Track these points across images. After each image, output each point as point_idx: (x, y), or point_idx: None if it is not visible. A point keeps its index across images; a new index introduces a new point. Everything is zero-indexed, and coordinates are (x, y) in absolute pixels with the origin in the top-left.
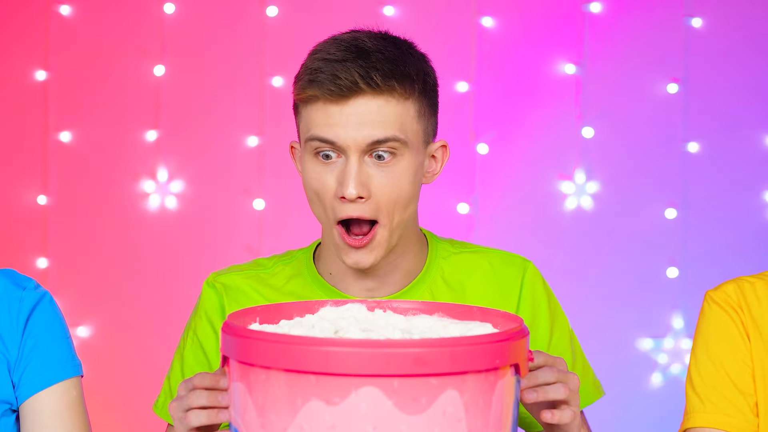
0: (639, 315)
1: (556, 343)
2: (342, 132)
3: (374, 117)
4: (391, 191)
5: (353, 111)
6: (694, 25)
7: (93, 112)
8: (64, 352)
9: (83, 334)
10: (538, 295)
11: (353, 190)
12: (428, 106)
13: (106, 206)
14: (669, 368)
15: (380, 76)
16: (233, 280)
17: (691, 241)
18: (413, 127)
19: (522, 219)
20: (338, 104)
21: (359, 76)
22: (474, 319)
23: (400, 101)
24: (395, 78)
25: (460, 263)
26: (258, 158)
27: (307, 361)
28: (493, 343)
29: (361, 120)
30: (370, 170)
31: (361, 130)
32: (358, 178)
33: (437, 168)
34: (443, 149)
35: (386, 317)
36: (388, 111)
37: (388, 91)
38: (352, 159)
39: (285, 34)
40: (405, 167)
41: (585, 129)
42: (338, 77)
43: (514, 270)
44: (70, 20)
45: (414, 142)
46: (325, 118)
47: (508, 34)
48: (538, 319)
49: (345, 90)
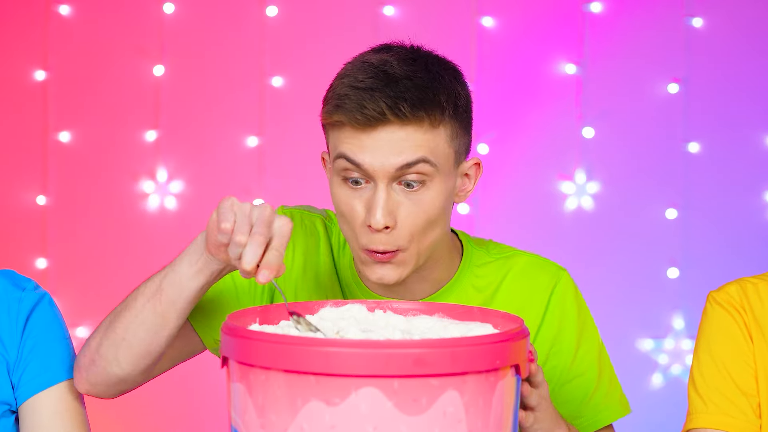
0: (639, 315)
1: (582, 357)
2: (369, 158)
3: (402, 144)
4: (417, 219)
5: (380, 138)
6: (695, 24)
7: (92, 112)
8: (64, 353)
9: (83, 335)
10: (568, 305)
11: (381, 219)
12: (460, 127)
13: (106, 206)
14: (669, 369)
15: (408, 106)
16: (302, 216)
17: (692, 242)
18: (445, 152)
19: (522, 219)
20: (365, 131)
21: (386, 107)
22: (474, 319)
23: (429, 130)
24: (424, 108)
25: (494, 270)
26: (258, 158)
27: (307, 362)
28: (494, 343)
29: (389, 148)
30: (398, 197)
31: (389, 157)
32: (386, 207)
33: (470, 186)
34: (476, 167)
35: (386, 318)
36: (416, 138)
37: (417, 121)
38: (381, 186)
39: (285, 33)
40: (434, 195)
41: (585, 129)
42: (365, 107)
43: (547, 277)
44: (70, 20)
45: (445, 167)
46: (353, 140)
47: (509, 34)
48: (565, 330)
49: (372, 120)
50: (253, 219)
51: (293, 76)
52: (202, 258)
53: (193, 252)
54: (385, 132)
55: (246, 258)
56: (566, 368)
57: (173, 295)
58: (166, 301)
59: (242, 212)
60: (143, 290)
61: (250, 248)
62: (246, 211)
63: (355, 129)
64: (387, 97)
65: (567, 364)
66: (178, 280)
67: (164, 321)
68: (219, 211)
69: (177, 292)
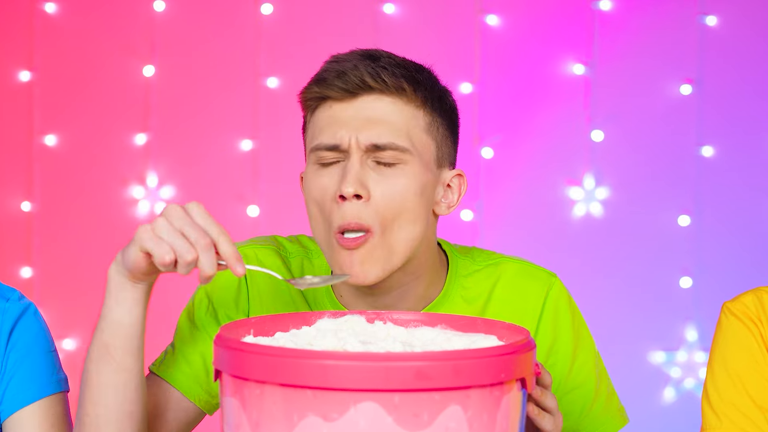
0: (651, 327)
1: (580, 367)
2: (345, 132)
3: (380, 116)
4: (393, 197)
5: (360, 108)
6: (709, 23)
7: (79, 115)
8: (49, 367)
9: (69, 348)
10: (562, 314)
11: (350, 187)
12: (443, 126)
13: (94, 213)
14: (682, 383)
15: (390, 75)
16: (255, 253)
17: (706, 250)
18: (422, 139)
19: (528, 226)
20: (345, 102)
21: (368, 75)
22: (478, 331)
23: (409, 106)
24: (405, 80)
25: (482, 279)
26: (252, 163)
27: (304, 375)
28: (499, 356)
29: (367, 118)
30: (372, 172)
31: (364, 130)
32: (357, 177)
33: (454, 199)
34: (459, 178)
35: (386, 329)
36: (396, 113)
37: (398, 92)
38: (354, 158)
39: (280, 32)
40: (410, 178)
41: (594, 132)
42: (346, 75)
43: (538, 285)
44: (56, 18)
45: (423, 156)
46: (330, 120)
47: (514, 33)
48: (560, 340)
49: (353, 87)
50: (184, 230)
51: (289, 76)
52: (130, 290)
53: (116, 290)
54: (365, 101)
55: (205, 269)
56: (563, 380)
57: (121, 341)
58: (118, 353)
59: (171, 234)
60: (89, 360)
61: (204, 258)
62: (173, 232)
63: (336, 103)
64: (369, 67)
65: (564, 375)
66: (117, 325)
67: (127, 372)
68: (144, 244)
69: (123, 336)
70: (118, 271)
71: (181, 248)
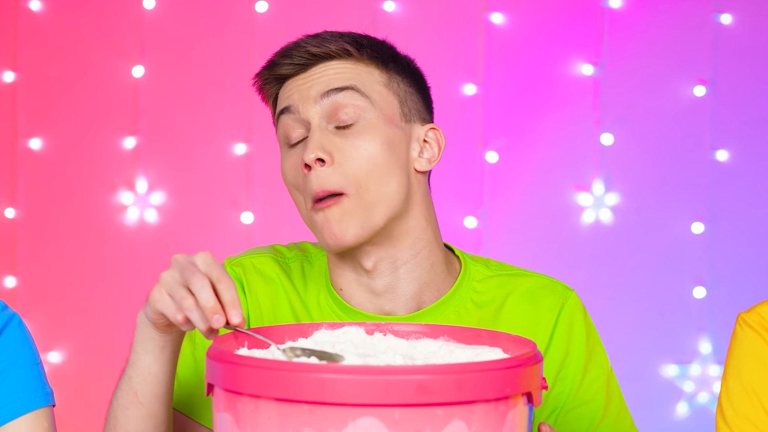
0: (663, 339)
1: (590, 383)
2: (298, 97)
3: (331, 74)
4: (358, 156)
5: (311, 75)
6: (723, 21)
7: (66, 117)
8: (34, 380)
9: (55, 360)
10: (576, 328)
11: (312, 153)
12: (405, 83)
13: (80, 220)
14: (696, 397)
15: (332, 43)
16: (252, 263)
17: (720, 258)
18: (381, 92)
19: (535, 234)
20: (297, 76)
21: (312, 46)
22: (483, 343)
23: (359, 64)
24: (350, 44)
25: (495, 286)
26: (246, 167)
27: (300, 390)
28: (504, 369)
29: (318, 79)
30: (334, 137)
31: (316, 87)
32: (318, 142)
33: (435, 153)
34: (434, 132)
35: (386, 341)
36: (346, 70)
37: (344, 55)
38: (314, 125)
39: (276, 31)
40: (372, 133)
41: (604, 135)
42: (291, 53)
43: (554, 298)
44: (41, 16)
45: (384, 108)
46: (286, 93)
47: (520, 32)
48: (572, 354)
49: (299, 60)
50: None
51: None
52: (157, 339)
53: (143, 340)
54: (316, 69)
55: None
56: (572, 394)
57: (150, 388)
58: (146, 399)
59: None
60: (118, 405)
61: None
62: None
63: (288, 80)
64: (311, 41)
65: (573, 390)
66: (146, 373)
67: (155, 418)
68: (156, 306)
69: (152, 384)
70: (144, 322)
71: (190, 310)
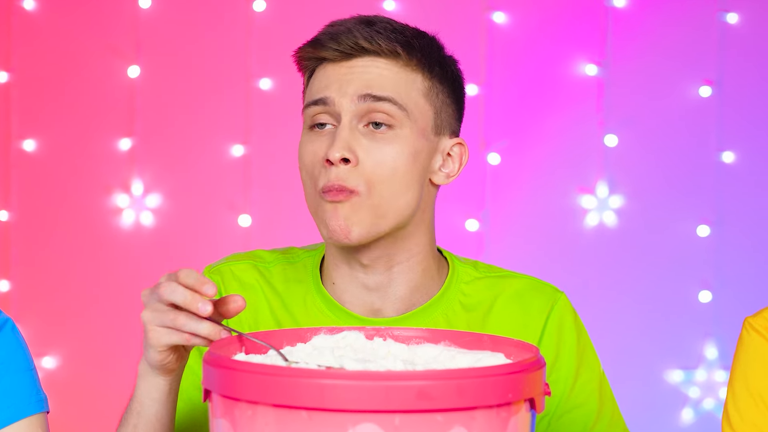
0: (668, 344)
1: (582, 387)
2: (336, 89)
3: (374, 74)
4: (382, 162)
5: (353, 67)
6: (730, 20)
7: (60, 118)
8: (28, 386)
9: (49, 366)
10: (566, 330)
11: (337, 152)
12: (444, 93)
13: (75, 223)
14: (701, 403)
15: (384, 39)
16: (231, 270)
17: (726, 262)
18: (419, 103)
19: (537, 237)
20: (339, 63)
21: (363, 38)
22: (484, 348)
23: (405, 69)
24: (400, 44)
25: (483, 288)
26: (244, 169)
27: (299, 396)
28: (506, 375)
29: (360, 76)
30: (363, 138)
31: (355, 85)
32: (346, 141)
33: (455, 169)
34: (460, 147)
35: (386, 346)
36: (391, 74)
37: (392, 55)
38: (344, 121)
39: (274, 30)
40: (402, 143)
41: (608, 137)
42: (340, 37)
43: (543, 299)
44: (35, 15)
45: (419, 120)
46: (324, 80)
47: (522, 31)
48: (562, 357)
49: (347, 48)
50: (166, 299)
51: (283, 77)
52: (161, 385)
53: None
54: (359, 63)
55: (211, 336)
56: (564, 398)
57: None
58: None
59: (170, 317)
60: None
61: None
62: (167, 312)
63: (330, 64)
64: (363, 31)
65: (565, 393)
66: (155, 420)
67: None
68: (162, 340)
69: (160, 430)
70: (148, 371)
71: (186, 323)
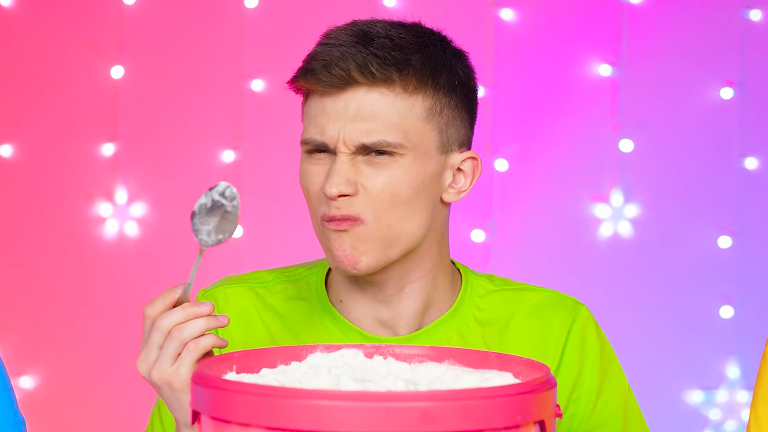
0: (687, 363)
1: (605, 403)
2: (330, 128)
3: (370, 111)
4: (383, 191)
5: (346, 104)
6: (753, 18)
7: (38, 122)
8: (4, 408)
9: (27, 386)
10: (589, 344)
11: (334, 188)
12: (449, 107)
13: (55, 233)
14: (723, 425)
15: (377, 64)
16: (226, 294)
17: (749, 275)
18: (419, 129)
19: (548, 248)
20: (332, 96)
21: (355, 66)
22: (491, 367)
23: (401, 96)
24: (396, 67)
25: (500, 302)
26: (234, 176)
27: (294, 417)
28: (514, 395)
29: (355, 113)
30: (362, 167)
31: (352, 127)
32: (343, 176)
33: (466, 184)
34: (473, 162)
35: (387, 365)
36: (384, 107)
37: (385, 83)
38: (342, 155)
39: (266, 28)
40: (404, 171)
41: (623, 141)
42: (332, 67)
43: (563, 313)
44: (11, 12)
45: (420, 145)
46: (319, 112)
47: (532, 29)
48: (585, 373)
49: (337, 80)
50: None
51: (276, 78)
52: None
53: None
54: (352, 98)
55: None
56: (587, 416)
57: None
58: None
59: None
60: None
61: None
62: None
63: (324, 96)
64: (357, 54)
65: (588, 411)
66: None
67: None
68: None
69: None
70: None
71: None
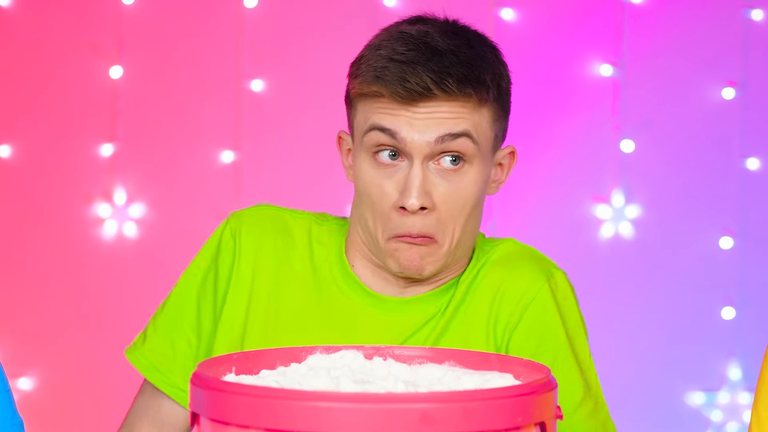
0: (689, 364)
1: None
2: (407, 130)
3: (445, 118)
4: (456, 203)
5: (422, 113)
6: (755, 17)
7: (37, 122)
8: (3, 409)
9: (25, 387)
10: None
11: (416, 200)
12: (501, 109)
13: (53, 234)
14: (724, 427)
15: (455, 82)
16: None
17: (751, 276)
18: (487, 135)
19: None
20: (405, 105)
21: (431, 81)
22: (491, 368)
23: (475, 108)
24: (471, 84)
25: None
26: (234, 176)
27: (294, 419)
28: (515, 397)
29: (430, 122)
30: (435, 178)
31: (430, 130)
32: (423, 187)
33: (503, 176)
34: (511, 156)
35: (387, 366)
36: (461, 114)
37: (464, 98)
38: (416, 164)
39: (266, 28)
40: (472, 180)
41: (624, 142)
42: (408, 80)
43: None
44: (9, 11)
45: (486, 151)
46: (391, 111)
47: (532, 29)
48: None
49: (415, 94)
50: None
51: (276, 78)
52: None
53: None
54: (428, 107)
55: None
56: None
57: None
58: None
59: None
60: None
61: None
62: None
63: (395, 101)
64: (431, 71)
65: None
66: None
67: None
68: None
69: None
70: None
71: None
